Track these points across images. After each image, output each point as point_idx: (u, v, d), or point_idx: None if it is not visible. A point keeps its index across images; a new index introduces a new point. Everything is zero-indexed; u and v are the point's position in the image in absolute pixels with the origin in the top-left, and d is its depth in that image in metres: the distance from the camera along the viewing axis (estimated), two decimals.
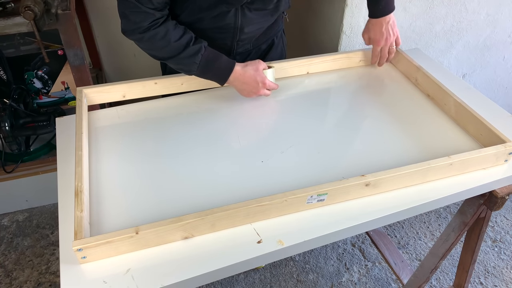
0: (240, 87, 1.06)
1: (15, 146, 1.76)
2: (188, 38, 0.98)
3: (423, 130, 1.03)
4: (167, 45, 0.96)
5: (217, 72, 1.02)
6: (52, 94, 1.86)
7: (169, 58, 0.99)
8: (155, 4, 0.92)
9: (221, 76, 1.03)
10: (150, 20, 0.93)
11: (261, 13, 1.06)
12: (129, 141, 0.99)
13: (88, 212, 0.80)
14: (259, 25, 1.10)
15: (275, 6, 1.06)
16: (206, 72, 1.02)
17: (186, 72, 1.03)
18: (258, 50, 1.21)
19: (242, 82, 1.05)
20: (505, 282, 1.64)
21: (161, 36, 0.95)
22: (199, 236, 0.78)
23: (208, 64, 1.00)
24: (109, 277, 0.71)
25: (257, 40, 1.16)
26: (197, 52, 0.98)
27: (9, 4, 1.41)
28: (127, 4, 0.91)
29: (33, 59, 1.77)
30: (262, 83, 1.06)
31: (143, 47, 0.99)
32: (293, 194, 0.79)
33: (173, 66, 1.02)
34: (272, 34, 1.21)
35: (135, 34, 0.95)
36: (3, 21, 1.36)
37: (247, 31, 1.08)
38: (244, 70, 1.03)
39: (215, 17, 1.02)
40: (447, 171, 0.90)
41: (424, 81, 1.15)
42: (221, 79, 1.03)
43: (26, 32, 1.43)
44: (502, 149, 0.91)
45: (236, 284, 1.62)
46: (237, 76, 1.03)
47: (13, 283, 1.60)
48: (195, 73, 1.02)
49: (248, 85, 1.05)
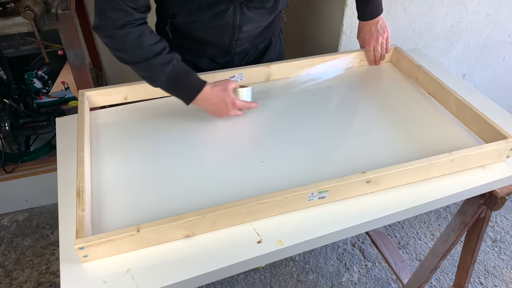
0: (209, 108, 1.01)
1: (15, 146, 1.76)
2: (163, 46, 0.93)
3: (424, 128, 1.03)
4: (139, 48, 0.90)
5: (185, 88, 0.97)
6: (52, 94, 1.86)
7: (138, 62, 0.92)
8: (137, 4, 0.88)
9: (189, 93, 0.97)
10: (128, 19, 0.88)
11: (260, 12, 1.06)
12: (130, 140, 0.99)
13: (90, 211, 0.80)
14: (257, 24, 1.10)
15: (273, 4, 1.06)
16: (174, 86, 0.96)
17: (152, 81, 0.95)
18: (256, 49, 1.22)
19: (210, 103, 0.99)
20: (505, 282, 1.64)
21: (135, 37, 0.89)
22: (200, 234, 0.78)
23: (178, 77, 0.94)
24: (109, 277, 0.71)
25: (255, 39, 1.16)
26: (169, 62, 0.92)
27: (9, 4, 1.41)
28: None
29: (33, 59, 1.77)
30: (232, 103, 1.00)
31: (112, 47, 0.92)
32: (294, 192, 0.79)
33: (140, 72, 0.95)
34: (269, 34, 1.21)
35: (108, 30, 0.89)
36: (3, 21, 1.36)
37: (245, 30, 1.08)
38: (213, 90, 0.98)
39: (214, 16, 1.01)
40: (448, 167, 0.89)
41: (425, 79, 1.15)
42: (188, 96, 0.97)
43: (26, 32, 1.43)
44: (503, 145, 0.91)
45: (236, 284, 1.62)
46: (206, 96, 0.97)
47: (13, 283, 1.60)
48: (161, 85, 0.95)
49: (217, 105, 1.00)
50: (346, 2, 1.38)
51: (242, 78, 1.15)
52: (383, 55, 1.25)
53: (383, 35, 1.21)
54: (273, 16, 1.13)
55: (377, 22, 1.20)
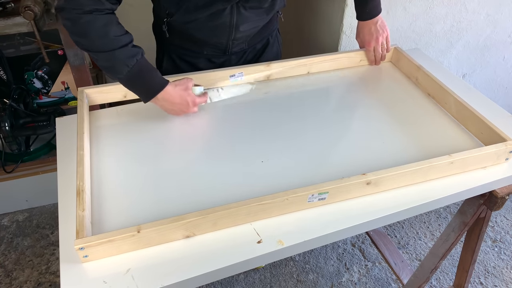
0: (168, 107, 1.00)
1: (15, 146, 1.76)
2: (128, 39, 0.90)
3: (424, 129, 1.03)
4: (104, 36, 0.87)
5: (147, 85, 0.95)
6: (52, 94, 1.86)
7: (100, 51, 0.88)
8: None
9: (150, 91, 0.95)
10: (96, 7, 0.85)
11: (257, 12, 1.06)
12: (131, 140, 0.99)
13: (90, 211, 0.80)
14: (254, 24, 1.10)
15: (270, 4, 1.05)
16: (135, 81, 0.94)
17: (113, 73, 0.92)
18: (253, 49, 1.21)
19: (171, 103, 0.99)
20: (505, 282, 1.64)
21: (101, 25, 0.86)
22: (200, 235, 0.78)
23: (140, 73, 0.92)
24: (109, 277, 0.71)
25: (252, 39, 1.16)
26: (132, 56, 0.90)
27: (9, 4, 1.41)
28: None
29: (33, 59, 1.77)
30: (192, 102, 1.01)
31: (74, 31, 0.88)
32: (294, 193, 0.79)
33: (101, 62, 0.91)
34: (267, 34, 1.21)
35: (72, 13, 0.84)
36: (3, 21, 1.36)
37: (242, 30, 1.07)
38: (175, 90, 0.98)
39: (210, 15, 1.01)
40: (448, 169, 0.90)
41: (425, 80, 1.15)
42: (149, 93, 0.95)
43: (26, 32, 1.43)
44: (503, 148, 0.91)
45: (236, 284, 1.62)
46: (167, 96, 0.97)
47: (13, 283, 1.60)
48: (122, 78, 0.92)
49: (178, 105, 1.00)
50: (346, 2, 1.38)
51: (242, 77, 1.15)
52: (384, 55, 1.25)
53: (382, 35, 1.20)
54: (270, 16, 1.13)
55: (376, 22, 1.19)
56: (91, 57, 0.92)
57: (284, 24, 1.88)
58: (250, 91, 1.15)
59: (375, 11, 1.18)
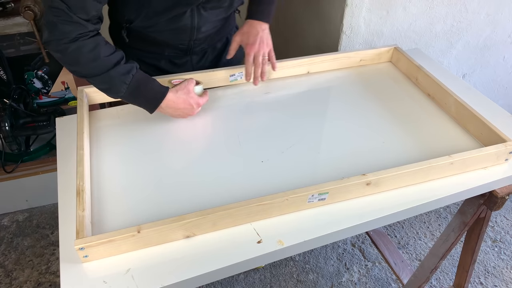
0: (174, 113, 1.00)
1: (15, 146, 1.76)
2: (119, 56, 0.90)
3: (423, 130, 1.03)
4: (95, 60, 0.86)
5: (148, 97, 0.95)
6: (52, 94, 1.86)
7: (96, 75, 0.88)
8: (89, 15, 0.85)
9: (153, 101, 0.95)
10: (80, 32, 0.84)
11: (216, 11, 1.05)
12: (131, 140, 0.99)
13: (90, 211, 0.80)
14: (215, 24, 1.09)
15: (229, 3, 1.05)
16: (136, 95, 0.93)
17: (113, 93, 0.92)
18: (214, 49, 1.21)
19: (175, 108, 0.99)
20: (505, 282, 1.64)
21: (90, 49, 0.85)
22: (200, 235, 0.78)
23: (139, 86, 0.92)
24: (109, 277, 0.71)
25: (212, 39, 1.15)
26: (128, 72, 0.90)
27: (9, 4, 1.41)
28: (57, 12, 0.81)
29: (33, 59, 1.77)
30: (196, 104, 1.00)
31: (66, 61, 0.88)
32: (294, 193, 0.79)
33: (99, 85, 0.92)
34: (225, 32, 1.20)
35: (60, 44, 0.84)
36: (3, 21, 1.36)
37: (204, 30, 1.07)
38: (177, 96, 0.97)
39: (171, 19, 1.00)
40: (448, 170, 0.90)
41: (425, 80, 1.15)
42: (152, 104, 0.96)
43: (26, 32, 1.43)
44: (502, 148, 0.91)
45: (236, 284, 1.62)
46: (170, 103, 0.97)
47: (13, 283, 1.60)
48: (123, 96, 0.92)
49: (182, 109, 1.00)
50: (346, 2, 1.38)
51: (242, 77, 1.15)
52: (264, 72, 1.11)
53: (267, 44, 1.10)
54: (229, 14, 1.12)
55: (264, 28, 1.09)
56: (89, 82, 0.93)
57: (285, 24, 1.88)
58: (250, 91, 1.15)
59: (268, 17, 1.10)
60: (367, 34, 1.47)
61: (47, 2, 0.82)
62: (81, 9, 0.83)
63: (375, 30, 1.47)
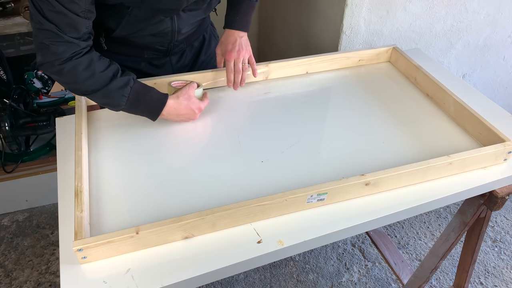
0: (176, 119, 1.01)
1: (15, 146, 1.76)
2: (115, 70, 0.90)
3: (422, 130, 1.03)
4: (92, 76, 0.87)
5: (148, 106, 0.95)
6: (52, 94, 1.86)
7: (94, 91, 0.89)
8: (80, 33, 0.84)
9: (154, 109, 0.96)
10: (73, 51, 0.84)
11: (196, 13, 1.05)
12: (129, 141, 0.99)
13: (88, 212, 0.80)
14: (194, 24, 1.09)
15: (208, 4, 1.05)
16: (137, 106, 0.94)
17: (114, 107, 0.93)
18: (192, 47, 1.20)
19: (177, 114, 1.00)
20: (505, 282, 1.64)
21: (85, 67, 0.86)
22: (199, 236, 0.78)
23: (139, 97, 0.93)
24: (109, 277, 0.71)
25: (190, 38, 1.15)
26: (125, 84, 0.90)
27: (9, 4, 1.41)
28: (47, 34, 0.81)
29: (33, 59, 1.77)
30: (198, 109, 1.01)
31: (64, 81, 0.89)
32: (293, 194, 0.79)
33: (99, 101, 0.93)
34: (202, 31, 1.20)
35: (54, 66, 0.84)
36: (3, 21, 1.36)
37: (184, 32, 1.07)
38: (178, 102, 0.98)
39: (152, 25, 0.99)
40: (446, 170, 0.90)
41: (423, 80, 1.15)
42: (153, 113, 0.97)
43: (26, 32, 1.43)
44: (501, 148, 0.91)
45: (236, 284, 1.62)
46: (171, 110, 0.97)
47: (13, 283, 1.60)
48: (124, 108, 0.93)
49: (184, 115, 1.01)
50: (346, 2, 1.38)
51: None
52: (244, 78, 1.12)
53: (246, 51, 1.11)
54: (207, 14, 1.13)
55: (241, 36, 1.11)
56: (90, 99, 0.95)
57: (285, 24, 1.88)
58: (250, 91, 1.15)
59: (245, 25, 1.12)
60: (367, 34, 1.47)
61: (36, 25, 0.81)
62: (71, 28, 0.82)
63: (375, 30, 1.47)
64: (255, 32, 2.35)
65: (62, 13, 0.79)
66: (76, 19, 0.82)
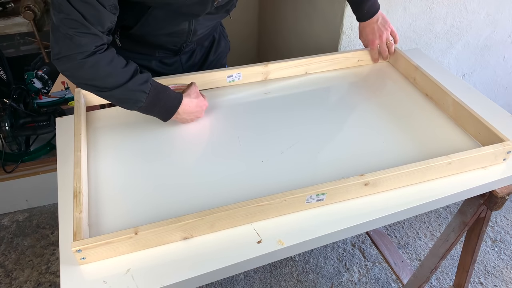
0: (187, 118, 1.00)
1: (15, 146, 1.76)
2: (134, 67, 0.88)
3: (422, 130, 1.03)
4: (114, 72, 0.84)
5: (166, 104, 0.94)
6: (52, 94, 1.86)
7: (115, 88, 0.85)
8: (104, 28, 0.82)
9: (170, 108, 0.94)
10: (98, 44, 0.82)
11: (213, 17, 1.05)
12: (128, 141, 0.99)
13: (87, 213, 0.79)
14: (209, 27, 1.10)
15: (226, 10, 1.06)
16: (155, 103, 0.92)
17: (132, 105, 0.90)
18: (202, 47, 1.21)
19: (189, 113, 0.99)
20: (505, 282, 1.64)
21: (107, 62, 0.83)
22: (199, 236, 0.78)
23: (157, 94, 0.91)
24: (109, 277, 0.71)
25: (201, 38, 1.15)
26: (146, 81, 0.89)
27: (9, 4, 1.41)
28: (73, 24, 0.77)
29: (33, 59, 1.77)
30: (205, 106, 1.03)
31: (81, 76, 0.84)
32: (292, 194, 0.79)
33: (117, 98, 0.90)
34: (213, 31, 1.20)
35: (75, 59, 0.80)
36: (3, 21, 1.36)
37: (199, 34, 1.07)
38: (190, 100, 0.97)
39: (170, 26, 0.99)
40: (446, 170, 0.90)
41: (423, 80, 1.15)
42: (169, 112, 0.95)
43: (26, 32, 1.43)
44: (500, 148, 0.91)
45: (236, 284, 1.62)
46: (186, 108, 0.97)
47: (13, 283, 1.60)
48: (142, 106, 0.90)
49: (194, 113, 1.00)
50: (346, 2, 1.38)
51: (240, 77, 1.15)
52: (392, 51, 1.24)
53: (386, 31, 1.20)
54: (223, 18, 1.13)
55: (377, 20, 1.18)
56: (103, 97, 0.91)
57: (285, 24, 1.88)
58: (249, 91, 1.15)
59: (373, 10, 1.17)
60: None
61: (60, 15, 0.78)
62: (97, 20, 0.80)
63: None
64: (255, 32, 2.35)
65: (91, 3, 0.77)
66: (103, 12, 0.80)
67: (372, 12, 1.18)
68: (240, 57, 2.35)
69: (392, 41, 1.22)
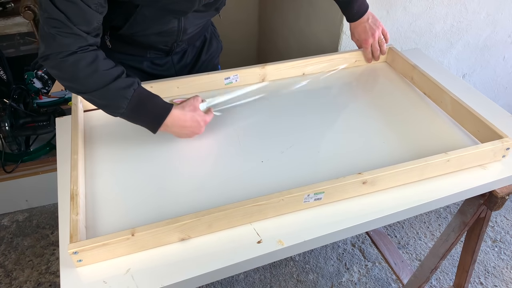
0: (180, 131, 0.94)
1: (15, 146, 1.76)
2: (120, 71, 0.85)
3: (420, 128, 1.03)
4: (94, 73, 0.81)
5: (151, 113, 0.88)
6: (52, 94, 1.86)
7: (94, 90, 0.82)
8: (90, 28, 0.80)
9: (156, 118, 0.89)
10: (80, 45, 0.80)
11: (203, 15, 1.05)
12: (125, 142, 0.98)
13: (84, 215, 0.79)
14: (199, 25, 1.09)
15: (215, 8, 1.05)
16: (138, 111, 0.87)
17: (112, 110, 0.86)
18: (193, 47, 1.20)
19: (182, 126, 0.92)
20: (505, 282, 1.64)
21: (88, 62, 0.80)
22: (200, 236, 0.78)
23: (141, 102, 0.86)
24: (109, 278, 0.71)
25: (192, 38, 1.14)
26: (128, 86, 0.84)
27: (9, 4, 1.42)
28: (55, 23, 0.76)
29: (33, 59, 1.77)
30: (204, 121, 0.95)
31: (62, 76, 0.83)
32: (289, 193, 0.79)
33: (97, 101, 0.86)
34: (204, 30, 1.20)
35: (56, 58, 0.79)
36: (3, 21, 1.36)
37: (189, 32, 1.06)
38: (183, 113, 0.91)
39: (159, 24, 0.98)
40: (444, 167, 0.89)
41: (420, 79, 1.15)
42: (155, 122, 0.89)
43: (26, 32, 1.43)
44: (499, 145, 0.90)
45: (236, 284, 1.62)
46: (176, 120, 0.90)
47: (13, 283, 1.60)
48: (124, 112, 0.86)
49: (189, 127, 0.94)
50: None
51: (238, 79, 1.15)
52: (383, 50, 1.23)
53: (377, 30, 1.19)
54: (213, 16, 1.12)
55: (367, 19, 1.18)
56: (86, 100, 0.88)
57: (285, 23, 1.88)
58: (247, 93, 1.15)
59: (363, 9, 1.17)
60: None
61: (44, 14, 0.77)
62: (81, 20, 0.78)
63: None
64: (255, 32, 2.35)
65: (74, 2, 0.76)
66: (87, 11, 0.78)
67: (362, 11, 1.17)
68: (240, 57, 2.35)
69: (383, 39, 1.22)
